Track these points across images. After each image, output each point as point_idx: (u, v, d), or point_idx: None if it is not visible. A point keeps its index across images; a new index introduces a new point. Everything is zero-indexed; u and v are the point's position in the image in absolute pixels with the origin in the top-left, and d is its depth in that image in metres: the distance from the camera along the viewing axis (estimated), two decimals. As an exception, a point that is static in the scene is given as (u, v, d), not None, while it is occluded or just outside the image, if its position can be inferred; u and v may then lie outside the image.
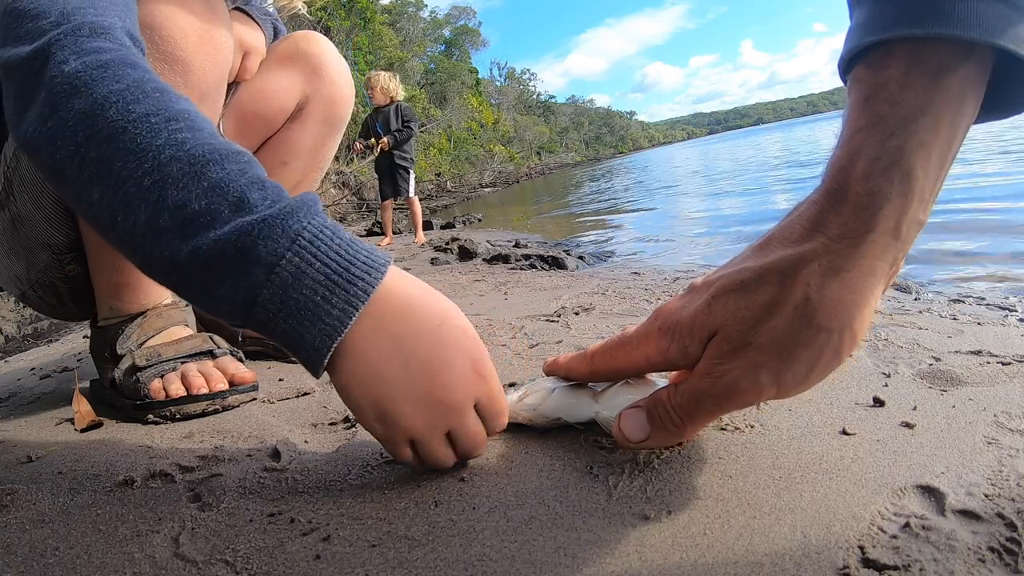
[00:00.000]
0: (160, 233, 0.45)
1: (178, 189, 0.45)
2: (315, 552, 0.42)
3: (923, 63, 0.33)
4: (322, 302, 0.44)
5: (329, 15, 20.18)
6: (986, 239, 1.84)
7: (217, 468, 0.57)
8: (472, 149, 29.76)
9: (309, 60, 0.96)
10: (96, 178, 0.47)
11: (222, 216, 0.44)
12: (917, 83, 0.34)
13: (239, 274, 0.43)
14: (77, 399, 0.79)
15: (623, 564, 0.38)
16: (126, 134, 0.47)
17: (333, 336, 0.44)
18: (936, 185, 0.35)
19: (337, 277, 0.44)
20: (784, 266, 0.37)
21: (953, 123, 0.34)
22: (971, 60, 0.33)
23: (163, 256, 0.45)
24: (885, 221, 0.35)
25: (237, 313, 0.44)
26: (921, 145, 0.34)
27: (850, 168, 0.36)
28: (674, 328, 0.42)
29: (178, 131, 0.47)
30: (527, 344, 0.92)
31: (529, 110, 53.55)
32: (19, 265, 0.81)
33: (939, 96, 0.33)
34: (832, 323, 0.36)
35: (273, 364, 0.96)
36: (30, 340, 1.77)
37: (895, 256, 0.36)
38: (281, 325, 0.44)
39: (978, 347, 0.72)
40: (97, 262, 0.80)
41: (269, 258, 0.43)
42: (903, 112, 0.34)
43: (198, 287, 0.45)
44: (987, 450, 0.47)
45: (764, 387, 0.38)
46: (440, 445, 0.48)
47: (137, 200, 0.46)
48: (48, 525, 0.50)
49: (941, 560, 0.35)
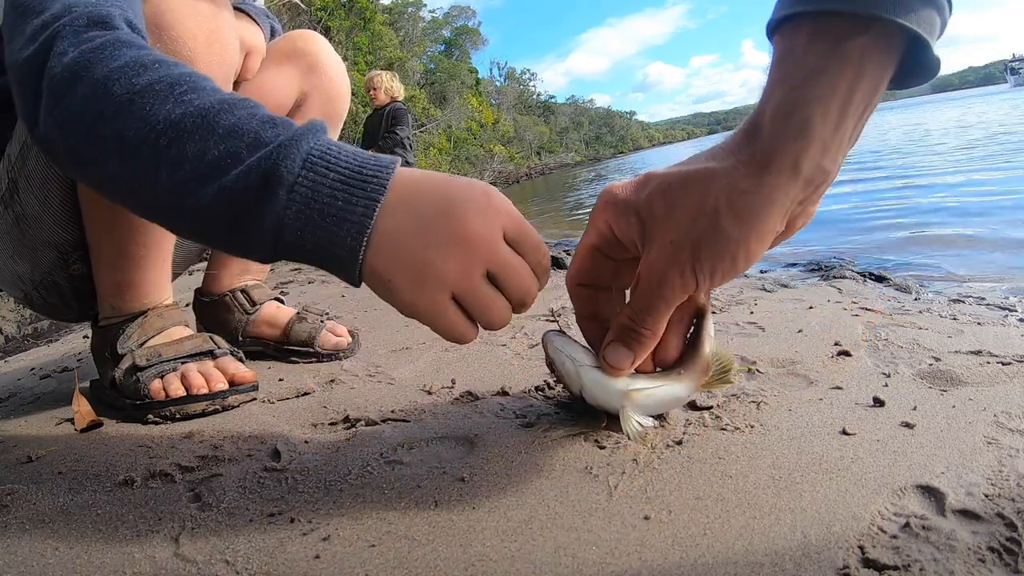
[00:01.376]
0: (183, 185, 0.46)
1: (194, 142, 0.46)
2: (315, 552, 0.42)
3: (824, 33, 0.39)
4: (344, 205, 0.44)
5: (329, 15, 20.19)
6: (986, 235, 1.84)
7: (217, 468, 0.57)
8: (472, 149, 29.77)
9: (306, 58, 0.97)
10: (111, 152, 0.48)
11: (241, 156, 0.45)
12: (818, 48, 0.40)
13: (264, 199, 0.44)
14: (77, 399, 0.79)
15: (623, 564, 0.38)
16: (133, 105, 0.48)
17: (363, 231, 0.44)
18: (839, 136, 0.41)
19: (352, 180, 0.45)
20: (703, 176, 0.44)
21: (853, 83, 0.39)
22: (871, 31, 0.38)
23: (188, 207, 0.46)
24: (784, 157, 0.41)
25: (266, 240, 0.45)
26: (818, 98, 0.39)
27: (763, 112, 0.42)
28: (619, 206, 0.49)
29: (183, 93, 0.48)
30: (527, 344, 0.92)
31: (529, 110, 53.57)
32: (23, 265, 0.81)
33: (836, 60, 0.39)
34: (734, 232, 0.42)
35: (273, 364, 0.96)
36: (30, 340, 1.77)
37: (796, 194, 0.42)
38: (310, 240, 0.44)
39: (978, 347, 0.72)
40: (100, 261, 0.80)
41: (288, 177, 0.44)
42: (804, 72, 0.40)
43: (227, 227, 0.46)
44: (987, 450, 0.47)
45: (688, 279, 0.45)
46: (486, 289, 0.46)
47: (155, 161, 0.46)
48: (48, 525, 0.50)
49: (941, 560, 0.35)
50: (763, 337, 0.85)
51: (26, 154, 0.74)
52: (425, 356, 0.91)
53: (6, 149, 0.77)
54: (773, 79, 0.42)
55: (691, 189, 0.44)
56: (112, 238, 0.77)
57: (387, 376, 0.83)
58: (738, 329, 0.90)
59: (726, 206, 0.42)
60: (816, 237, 2.11)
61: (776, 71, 0.42)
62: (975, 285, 1.28)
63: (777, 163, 0.41)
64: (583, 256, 0.53)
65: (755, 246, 0.43)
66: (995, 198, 2.56)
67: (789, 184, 0.41)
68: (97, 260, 0.80)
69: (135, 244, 0.78)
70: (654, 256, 0.46)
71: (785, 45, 0.41)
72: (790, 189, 0.41)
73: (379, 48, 24.12)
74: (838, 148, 0.41)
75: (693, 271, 0.44)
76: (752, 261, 0.44)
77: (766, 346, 0.80)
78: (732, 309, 1.04)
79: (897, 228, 2.17)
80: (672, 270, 0.45)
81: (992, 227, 1.97)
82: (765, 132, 0.41)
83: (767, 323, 0.92)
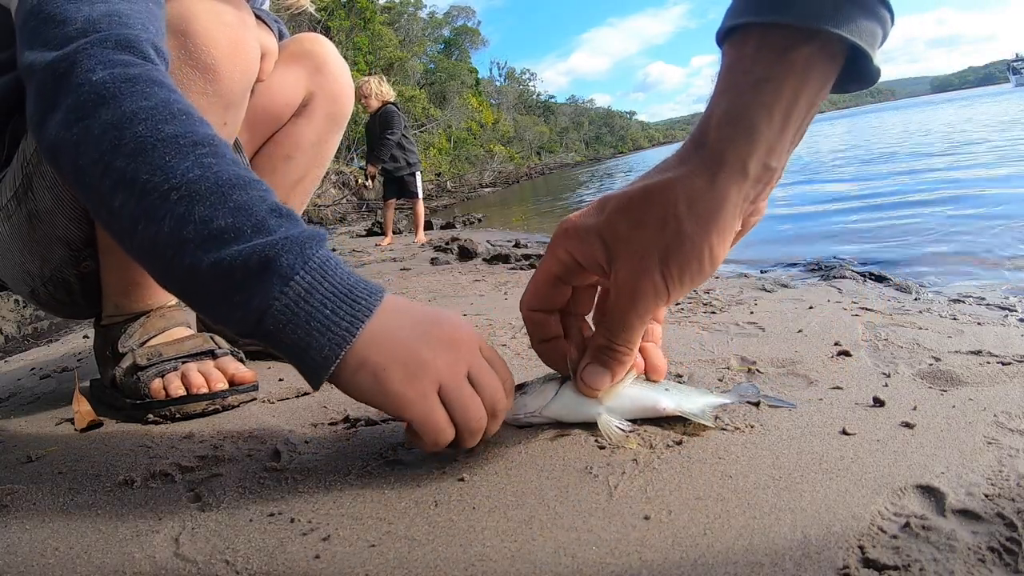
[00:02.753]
0: (183, 243, 0.48)
1: (205, 206, 0.48)
2: (315, 552, 0.42)
3: (770, 43, 0.42)
4: (331, 315, 0.47)
5: (329, 15, 20.18)
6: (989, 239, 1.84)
7: (217, 468, 0.57)
8: (472, 149, 29.75)
9: (313, 59, 1.00)
10: (119, 186, 0.50)
11: (245, 235, 0.48)
12: (765, 58, 0.42)
13: (258, 282, 0.47)
14: (77, 399, 0.79)
15: (623, 564, 0.38)
16: (155, 151, 0.50)
17: (342, 345, 0.47)
18: (784, 137, 0.43)
19: (344, 296, 0.48)
20: (662, 187, 0.46)
21: (797, 89, 0.42)
22: (814, 42, 0.41)
23: (184, 265, 0.48)
24: (733, 160, 0.43)
25: (248, 320, 0.47)
26: (764, 104, 0.42)
27: (709, 118, 0.45)
28: (580, 232, 0.50)
29: (204, 155, 0.51)
30: (527, 344, 0.92)
31: (529, 110, 53.53)
32: (33, 261, 0.81)
33: (781, 69, 0.42)
34: (698, 234, 0.45)
35: (273, 364, 0.96)
36: (30, 340, 1.77)
37: (747, 192, 0.44)
38: (288, 336, 0.47)
39: (978, 347, 0.72)
40: (109, 259, 0.80)
41: (286, 271, 0.47)
42: (752, 80, 0.42)
43: (215, 295, 0.48)
44: (987, 450, 0.47)
45: (659, 287, 0.46)
46: (468, 387, 0.50)
47: (162, 211, 0.48)
48: (48, 525, 0.50)
49: (941, 560, 0.35)
50: (763, 337, 0.85)
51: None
52: (425, 356, 0.91)
53: (20, 145, 0.77)
54: (720, 88, 0.45)
55: (653, 201, 0.46)
56: None
57: (387, 376, 0.83)
58: (738, 329, 0.90)
59: (686, 210, 0.44)
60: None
61: (724, 80, 0.45)
62: (975, 285, 1.28)
63: (728, 166, 0.44)
64: (540, 283, 0.55)
65: (718, 245, 0.45)
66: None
67: (740, 183, 0.44)
68: (105, 259, 0.80)
69: None
70: (623, 272, 0.48)
71: (733, 54, 0.44)
72: (742, 188, 0.44)
73: (379, 48, 24.11)
74: (783, 148, 0.44)
75: (663, 277, 0.46)
76: (717, 261, 0.46)
77: (766, 346, 0.81)
78: (732, 309, 1.04)
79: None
80: (643, 281, 0.47)
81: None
82: (712, 137, 0.44)
83: (767, 323, 0.92)
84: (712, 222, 0.44)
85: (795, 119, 0.43)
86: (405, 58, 26.80)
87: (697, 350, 0.81)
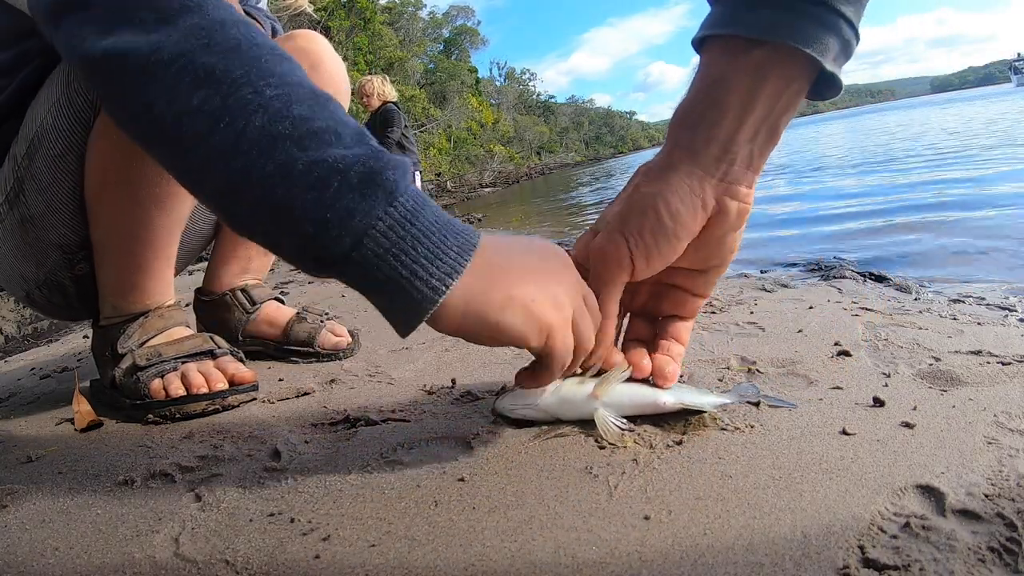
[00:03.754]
0: (276, 138, 0.42)
1: (303, 106, 0.43)
2: (315, 552, 0.42)
3: (728, 50, 0.49)
4: (440, 243, 0.43)
5: (329, 15, 20.19)
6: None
7: (217, 468, 0.57)
8: (472, 149, 29.75)
9: (308, 56, 0.99)
10: (202, 82, 0.43)
11: (345, 140, 0.42)
12: (721, 60, 0.49)
13: (360, 196, 0.41)
14: (77, 399, 0.79)
15: (623, 564, 0.38)
16: (250, 51, 0.44)
17: (452, 276, 0.43)
18: (742, 127, 0.49)
19: (448, 227, 0.44)
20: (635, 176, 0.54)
21: (751, 89, 0.48)
22: (765, 47, 0.47)
23: (272, 164, 0.41)
24: (686, 143, 0.51)
25: (344, 240, 0.41)
26: (713, 99, 0.49)
27: (678, 116, 0.52)
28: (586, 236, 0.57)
29: (297, 69, 0.46)
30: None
31: (529, 110, 53.53)
32: (27, 265, 0.81)
33: (731, 69, 0.48)
34: (650, 191, 0.51)
35: (273, 364, 0.96)
36: (30, 340, 1.77)
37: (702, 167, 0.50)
38: (390, 263, 0.41)
39: (978, 347, 0.72)
40: (104, 262, 0.80)
41: (391, 188, 0.42)
42: (710, 80, 0.50)
43: (308, 203, 0.41)
44: (987, 450, 0.48)
45: (620, 246, 0.52)
46: (587, 313, 0.52)
47: (254, 105, 0.42)
48: (48, 525, 0.50)
49: (941, 560, 0.35)
50: (763, 337, 0.85)
51: (33, 154, 0.74)
52: (425, 356, 0.91)
53: (11, 149, 0.77)
54: (690, 88, 0.52)
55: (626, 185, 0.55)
56: (117, 240, 0.77)
57: (387, 376, 0.83)
58: (738, 329, 0.90)
59: (643, 178, 0.53)
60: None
61: (693, 83, 0.52)
62: (975, 285, 1.28)
63: (679, 147, 0.51)
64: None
65: (673, 201, 0.50)
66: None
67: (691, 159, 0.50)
68: (101, 261, 0.80)
69: (140, 246, 0.78)
70: (598, 240, 0.54)
71: (704, 60, 0.51)
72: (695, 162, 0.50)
73: (379, 48, 24.11)
74: (742, 138, 0.49)
75: (624, 236, 0.52)
76: (678, 217, 0.50)
77: (766, 346, 0.80)
78: (732, 309, 1.04)
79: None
80: (610, 243, 0.53)
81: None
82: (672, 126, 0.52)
83: (767, 323, 0.92)
84: (663, 181, 0.51)
85: (756, 112, 0.48)
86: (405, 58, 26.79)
87: (697, 350, 0.81)
